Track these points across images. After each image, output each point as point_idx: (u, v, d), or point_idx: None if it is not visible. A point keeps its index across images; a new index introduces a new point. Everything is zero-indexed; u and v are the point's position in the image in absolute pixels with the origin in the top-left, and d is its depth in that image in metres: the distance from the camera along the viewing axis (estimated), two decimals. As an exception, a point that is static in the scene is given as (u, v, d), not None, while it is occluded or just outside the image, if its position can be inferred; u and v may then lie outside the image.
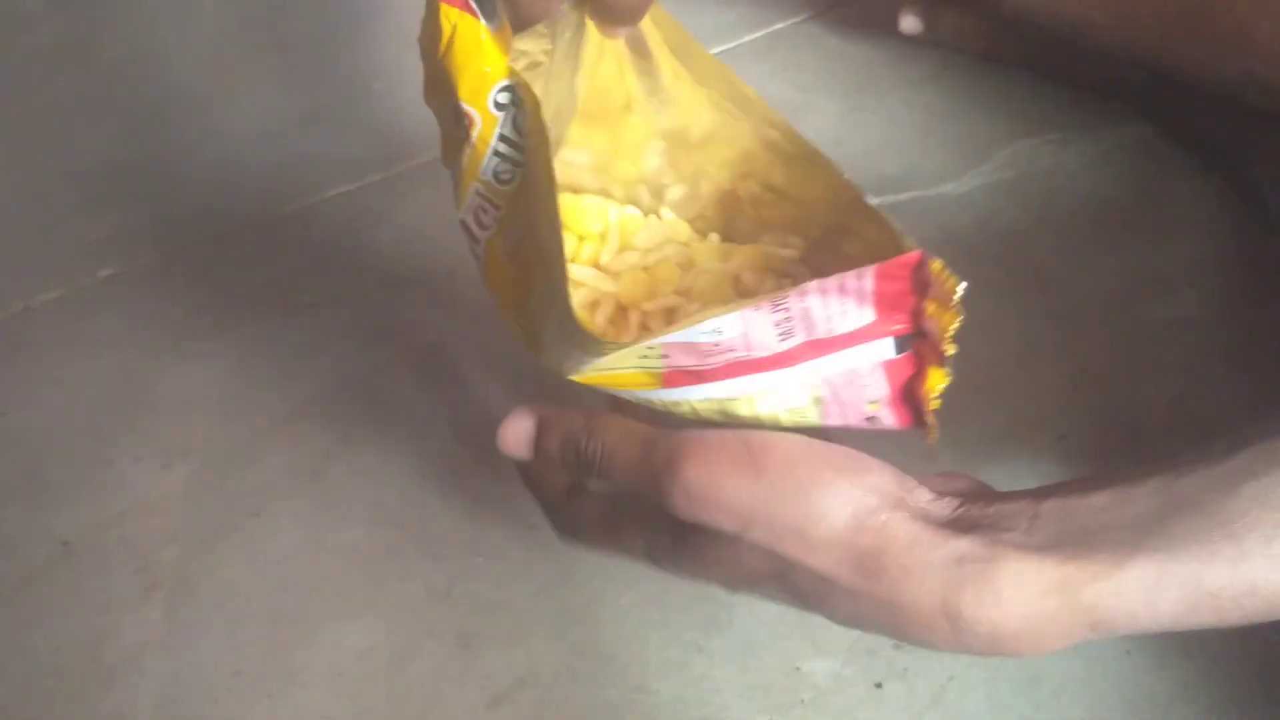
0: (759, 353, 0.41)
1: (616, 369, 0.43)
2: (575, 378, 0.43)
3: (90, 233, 0.79)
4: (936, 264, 0.39)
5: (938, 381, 0.43)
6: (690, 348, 0.41)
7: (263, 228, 0.79)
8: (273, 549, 0.59)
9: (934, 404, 0.44)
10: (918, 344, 0.43)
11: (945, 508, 0.40)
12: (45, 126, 0.90)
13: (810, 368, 0.43)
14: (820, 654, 0.54)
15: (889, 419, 0.44)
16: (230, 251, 0.77)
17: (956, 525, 0.39)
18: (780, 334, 0.41)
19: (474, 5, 0.44)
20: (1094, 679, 0.52)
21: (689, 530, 0.41)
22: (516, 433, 0.45)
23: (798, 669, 0.53)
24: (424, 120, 0.47)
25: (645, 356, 0.42)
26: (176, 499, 0.62)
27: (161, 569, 0.59)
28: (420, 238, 0.77)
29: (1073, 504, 0.39)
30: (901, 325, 0.42)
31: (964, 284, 0.39)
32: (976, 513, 0.39)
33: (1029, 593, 0.36)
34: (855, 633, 0.54)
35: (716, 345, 0.41)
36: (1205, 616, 0.36)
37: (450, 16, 0.43)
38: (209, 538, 0.60)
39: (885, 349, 0.43)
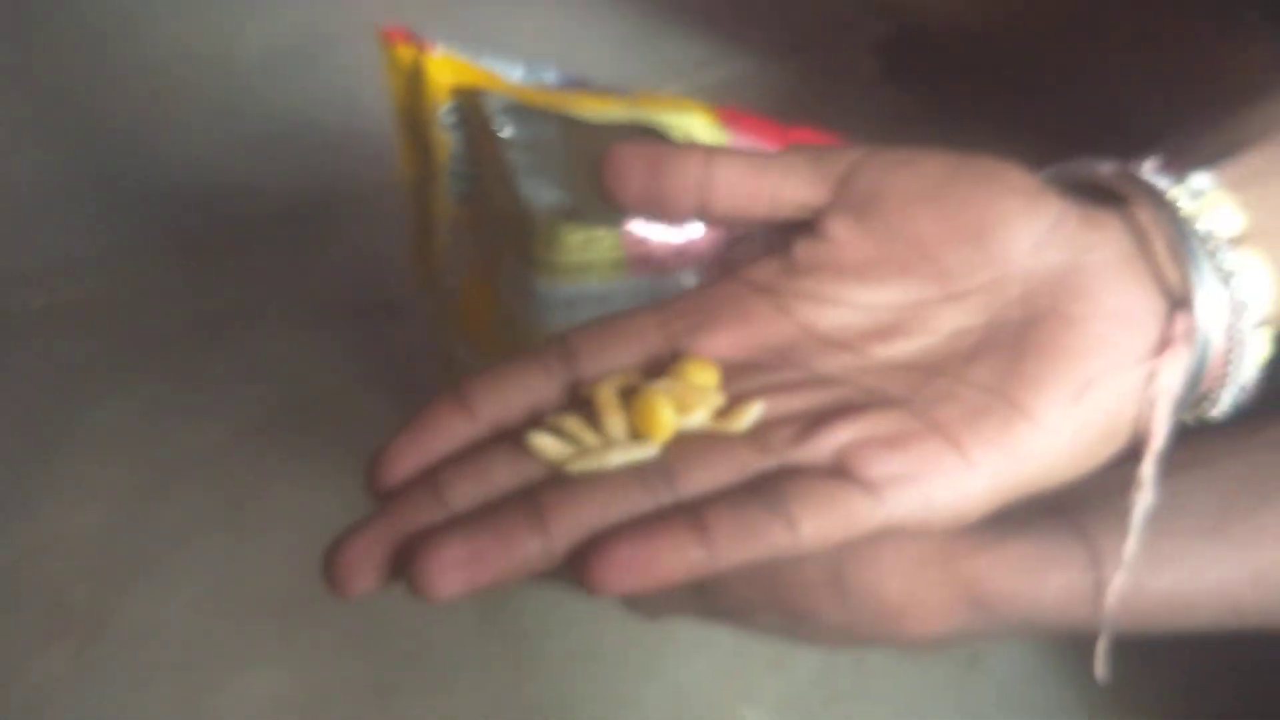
0: None
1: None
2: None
3: (22, 263, 0.77)
4: None
5: None
6: None
7: (198, 257, 0.77)
8: (187, 590, 0.57)
9: None
10: None
11: None
12: (-18, 153, 0.88)
13: None
14: (754, 702, 0.52)
15: None
16: (163, 282, 0.75)
17: None
18: None
19: (423, 36, 0.45)
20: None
21: None
22: None
23: (731, 717, 0.52)
24: (368, 151, 0.47)
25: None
26: (91, 537, 0.60)
27: (73, 609, 0.57)
28: (356, 272, 0.75)
29: None
30: None
31: None
32: None
33: (910, 560, 0.35)
34: (789, 682, 0.53)
35: None
36: (1088, 609, 0.35)
37: (404, 55, 0.45)
38: (123, 577, 0.58)
39: None
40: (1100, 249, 0.31)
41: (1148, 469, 0.31)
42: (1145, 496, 0.32)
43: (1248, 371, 0.31)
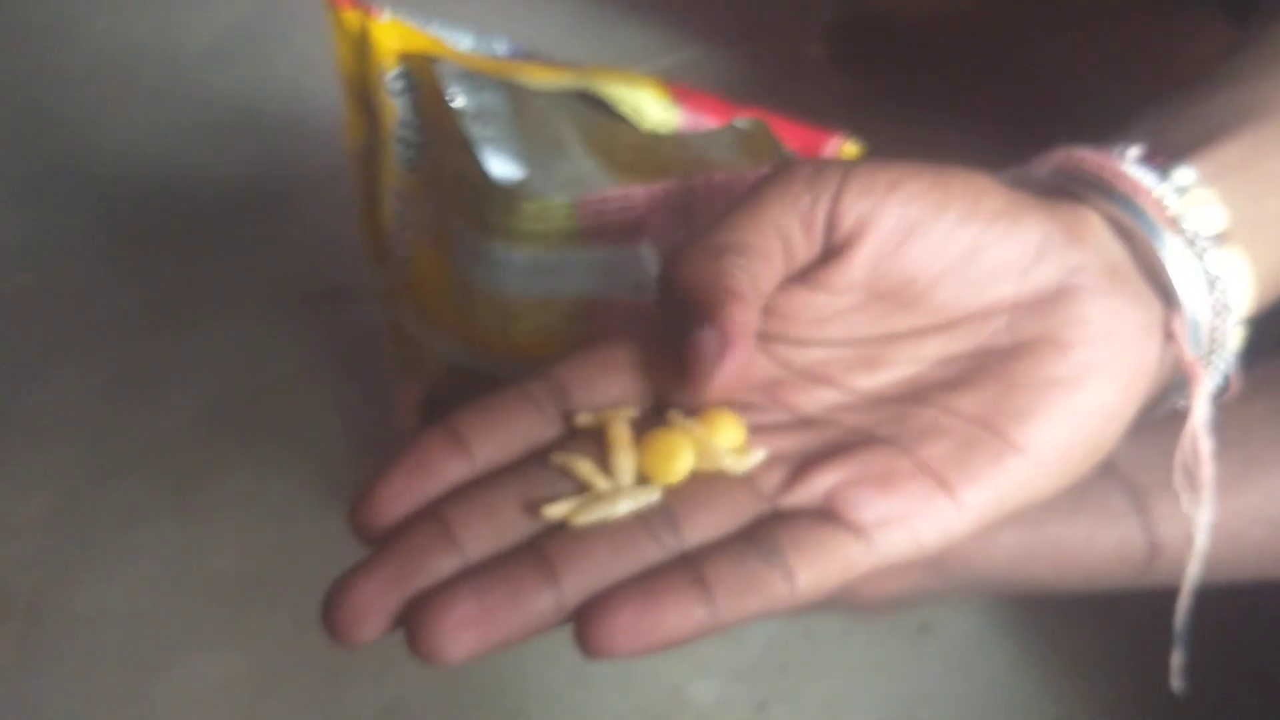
0: None
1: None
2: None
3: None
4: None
5: None
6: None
7: (144, 245, 0.76)
8: (133, 577, 0.56)
9: None
10: None
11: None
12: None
13: None
14: (703, 675, 0.52)
15: None
16: (108, 270, 0.74)
17: None
18: None
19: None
20: (976, 694, 0.51)
21: None
22: None
23: (680, 691, 0.52)
24: (314, 138, 0.46)
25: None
26: (35, 526, 0.59)
27: (16, 598, 0.56)
28: (304, 258, 0.75)
29: None
30: None
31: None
32: None
33: None
34: (739, 653, 0.53)
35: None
36: (1043, 566, 0.35)
37: (350, 20, 0.44)
38: (67, 566, 0.57)
39: None
40: (1087, 268, 0.30)
41: (1205, 514, 0.32)
42: (1205, 515, 0.32)
43: (1222, 367, 0.31)
